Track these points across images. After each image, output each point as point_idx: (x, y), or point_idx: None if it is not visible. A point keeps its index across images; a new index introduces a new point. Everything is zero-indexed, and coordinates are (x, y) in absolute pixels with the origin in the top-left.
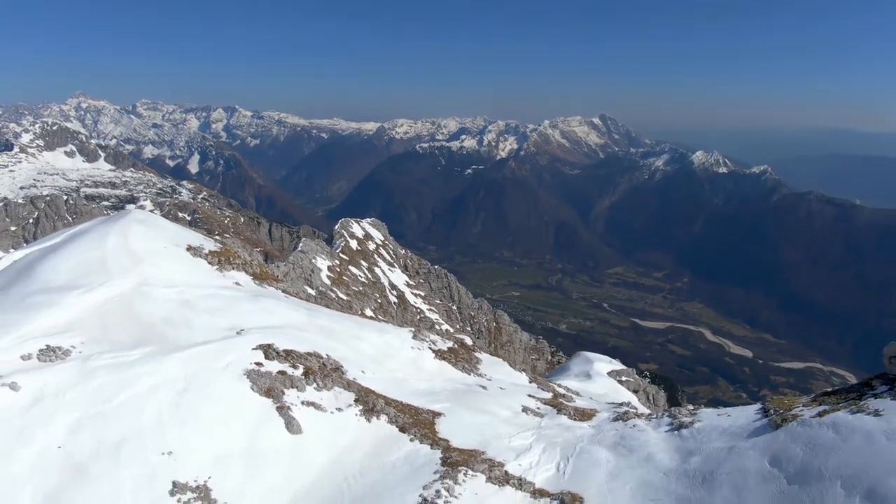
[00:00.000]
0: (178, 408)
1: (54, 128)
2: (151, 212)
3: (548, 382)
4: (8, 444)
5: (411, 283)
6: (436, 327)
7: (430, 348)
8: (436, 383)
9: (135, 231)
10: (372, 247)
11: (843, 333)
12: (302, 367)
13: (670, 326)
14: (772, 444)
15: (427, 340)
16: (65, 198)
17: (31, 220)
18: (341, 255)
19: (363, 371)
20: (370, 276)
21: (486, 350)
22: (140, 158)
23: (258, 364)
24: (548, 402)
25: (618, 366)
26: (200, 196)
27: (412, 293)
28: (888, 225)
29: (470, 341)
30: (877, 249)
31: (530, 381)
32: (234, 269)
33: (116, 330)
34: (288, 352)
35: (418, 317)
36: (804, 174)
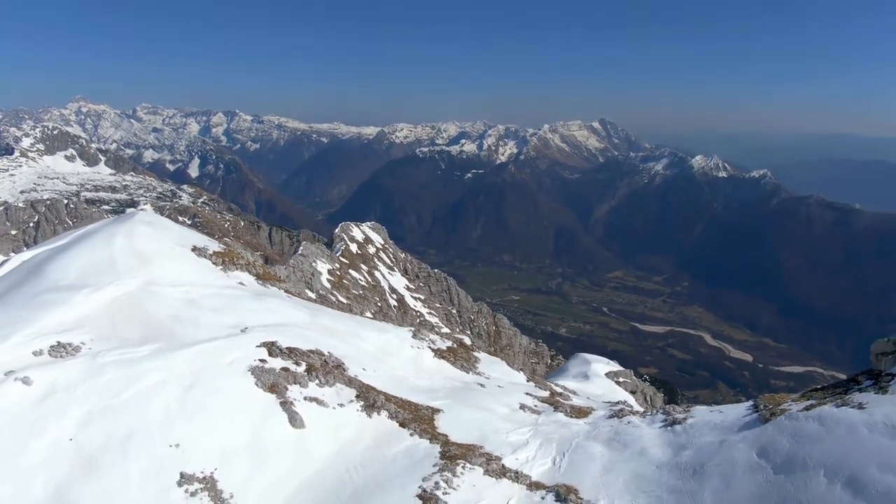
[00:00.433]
0: (184, 402)
1: (55, 132)
2: None
3: (545, 382)
4: (21, 437)
5: (411, 286)
6: (436, 330)
7: (430, 347)
8: (435, 381)
9: (141, 232)
10: (372, 250)
11: (843, 338)
12: (304, 364)
13: (670, 330)
14: (760, 436)
15: (426, 340)
16: (65, 202)
17: (31, 224)
18: (341, 259)
19: (364, 369)
20: (370, 280)
21: (485, 350)
22: (140, 162)
23: (262, 361)
24: (545, 400)
25: (615, 367)
26: (200, 200)
27: (412, 297)
28: (888, 229)
29: (469, 341)
30: (876, 254)
31: (528, 380)
32: (237, 270)
33: (125, 327)
34: (291, 349)
35: (418, 320)
36: (804, 178)
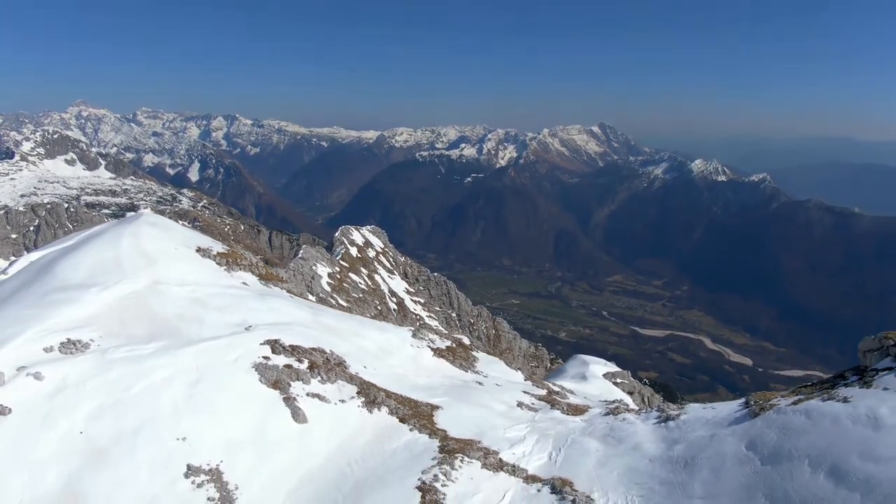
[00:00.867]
0: (191, 397)
1: (55, 136)
2: None
3: (543, 381)
4: (34, 429)
5: (411, 290)
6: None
7: (429, 346)
8: (434, 379)
9: (147, 233)
10: (372, 254)
11: (843, 341)
12: (307, 361)
13: (670, 334)
14: (749, 430)
15: (426, 339)
16: (65, 206)
17: (31, 228)
18: (341, 263)
19: (365, 366)
20: (370, 283)
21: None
22: (140, 166)
23: (266, 358)
24: (542, 398)
25: (613, 368)
26: (201, 204)
27: (412, 300)
28: (887, 233)
29: (468, 341)
30: (876, 257)
31: (525, 379)
32: (241, 270)
33: (132, 325)
34: (294, 347)
35: (418, 323)
36: (803, 182)
